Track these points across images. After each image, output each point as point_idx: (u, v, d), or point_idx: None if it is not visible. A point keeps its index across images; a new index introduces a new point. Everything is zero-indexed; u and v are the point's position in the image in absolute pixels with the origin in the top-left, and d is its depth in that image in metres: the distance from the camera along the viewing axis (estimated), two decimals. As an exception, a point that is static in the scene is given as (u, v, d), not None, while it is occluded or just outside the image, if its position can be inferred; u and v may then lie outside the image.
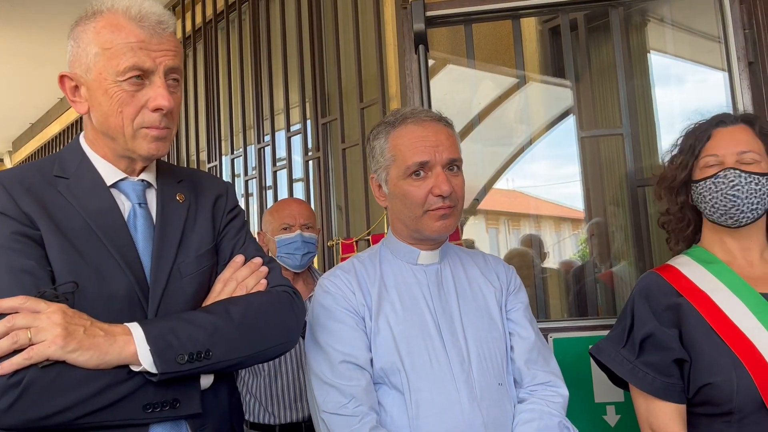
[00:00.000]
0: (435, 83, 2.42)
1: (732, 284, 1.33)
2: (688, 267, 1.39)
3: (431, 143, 1.30)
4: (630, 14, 2.61)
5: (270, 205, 2.79)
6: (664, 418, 1.31)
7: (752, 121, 1.41)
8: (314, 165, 3.20)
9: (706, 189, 1.37)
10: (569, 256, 3.27)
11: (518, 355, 1.34)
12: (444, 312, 1.32)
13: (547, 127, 2.90)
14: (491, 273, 1.42)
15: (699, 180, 1.39)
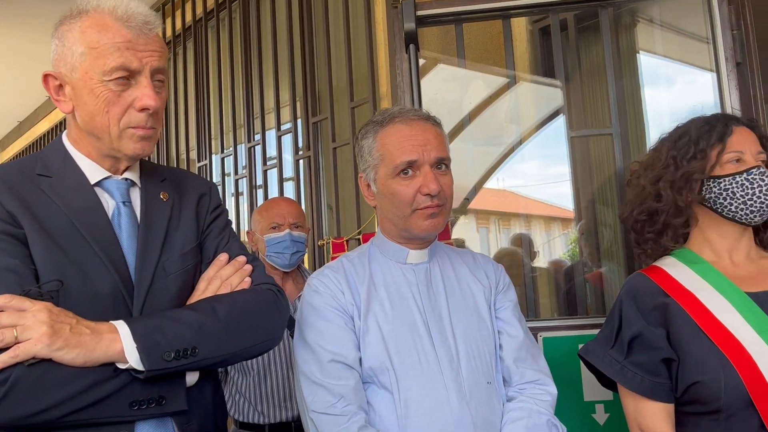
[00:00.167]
0: (425, 83, 2.43)
1: (717, 284, 1.33)
2: (674, 268, 1.39)
3: (419, 142, 1.30)
4: (620, 15, 2.62)
5: (260, 205, 2.78)
6: (653, 418, 1.32)
7: (754, 126, 1.40)
8: (305, 164, 3.19)
9: (737, 185, 1.31)
10: (559, 256, 3.28)
11: (507, 354, 1.35)
12: (433, 311, 1.32)
13: (537, 127, 2.90)
14: (480, 272, 1.42)
15: (726, 175, 1.33)
